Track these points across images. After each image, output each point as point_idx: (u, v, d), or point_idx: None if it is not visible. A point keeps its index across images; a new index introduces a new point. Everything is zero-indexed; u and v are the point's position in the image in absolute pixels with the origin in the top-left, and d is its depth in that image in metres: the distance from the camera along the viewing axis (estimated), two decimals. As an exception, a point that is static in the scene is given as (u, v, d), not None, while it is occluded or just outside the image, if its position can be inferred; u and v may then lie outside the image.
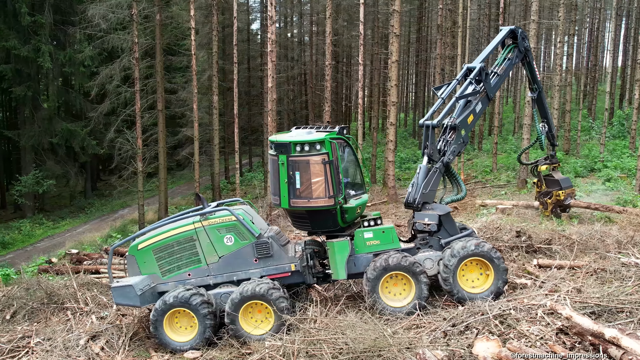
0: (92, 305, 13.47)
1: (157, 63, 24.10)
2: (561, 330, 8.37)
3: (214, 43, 25.60)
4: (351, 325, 8.81)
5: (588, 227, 14.12)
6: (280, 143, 10.88)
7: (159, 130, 24.58)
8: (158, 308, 10.54)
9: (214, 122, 25.01)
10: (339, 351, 8.38)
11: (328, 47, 24.95)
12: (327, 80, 25.12)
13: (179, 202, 34.07)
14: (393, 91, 23.25)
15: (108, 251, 19.47)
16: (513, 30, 13.41)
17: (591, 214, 17.08)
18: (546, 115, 15.17)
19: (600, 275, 10.84)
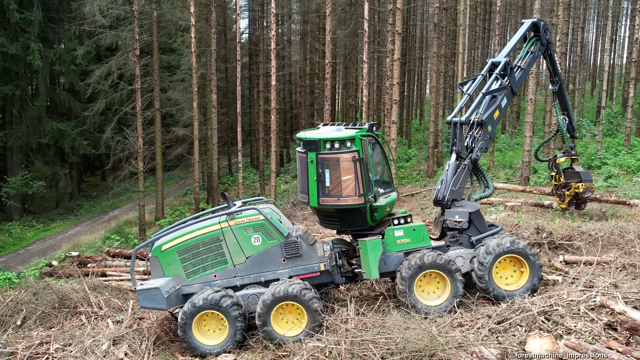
0: (106, 309, 13.09)
1: (154, 61, 23.62)
2: (609, 325, 8.32)
3: (212, 41, 25.21)
4: (398, 325, 8.63)
5: (605, 223, 14.19)
6: (309, 140, 10.67)
7: (156, 130, 24.11)
8: (187, 311, 10.23)
9: (213, 121, 24.62)
10: (386, 351, 8.20)
11: (328, 45, 24.77)
12: (327, 78, 24.93)
13: (171, 202, 33.53)
14: (395, 89, 23.17)
15: (110, 253, 19.10)
16: (535, 23, 13.35)
17: (599, 210, 17.17)
18: (567, 108, 15.14)
19: (630, 270, 10.85)
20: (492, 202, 20.07)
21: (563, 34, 24.08)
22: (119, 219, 29.45)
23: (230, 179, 42.78)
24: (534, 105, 22.24)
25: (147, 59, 24.37)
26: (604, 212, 16.54)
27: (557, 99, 15.31)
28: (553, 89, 15.15)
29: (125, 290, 14.66)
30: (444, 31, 30.78)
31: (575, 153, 16.60)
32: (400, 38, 23.08)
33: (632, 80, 25.35)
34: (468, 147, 11.75)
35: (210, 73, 25.00)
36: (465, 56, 24.57)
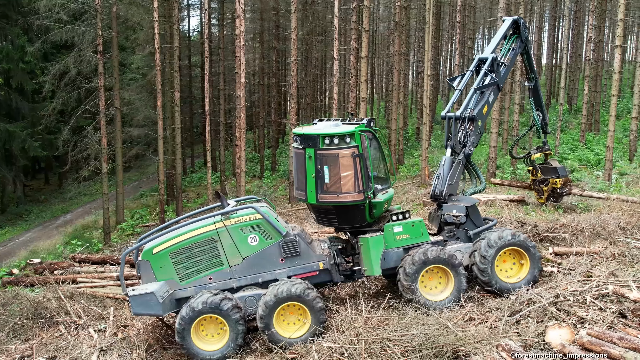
0: (86, 318, 12.37)
1: (113, 58, 22.62)
2: (619, 313, 8.48)
3: (174, 38, 24.42)
4: (415, 322, 8.50)
5: (584, 215, 14.59)
6: (307, 136, 10.41)
7: (116, 129, 23.12)
8: (185, 316, 9.76)
9: (176, 120, 23.84)
10: (406, 348, 8.06)
11: (293, 42, 24.49)
12: (293, 76, 24.66)
13: (128, 205, 32.28)
14: (363, 86, 23.14)
15: (76, 259, 18.13)
16: (516, 20, 13.57)
17: (570, 203, 17.68)
18: (540, 104, 15.50)
19: (620, 259, 11.15)
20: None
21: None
22: (75, 223, 28.12)
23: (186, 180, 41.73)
24: (500, 101, 22.71)
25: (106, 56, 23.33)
26: (576, 205, 17.03)
27: (532, 96, 15.65)
28: (529, 85, 15.47)
29: (101, 297, 13.94)
30: (404, 29, 31.07)
31: (549, 148, 17.05)
32: (367, 35, 23.07)
33: (586, 78, 26.32)
34: (461, 141, 11.80)
35: (173, 71, 24.22)
36: (430, 54, 24.81)
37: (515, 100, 24.85)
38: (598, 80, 31.18)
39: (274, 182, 35.16)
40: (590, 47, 26.85)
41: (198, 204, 31.22)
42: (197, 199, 32.70)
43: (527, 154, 17.41)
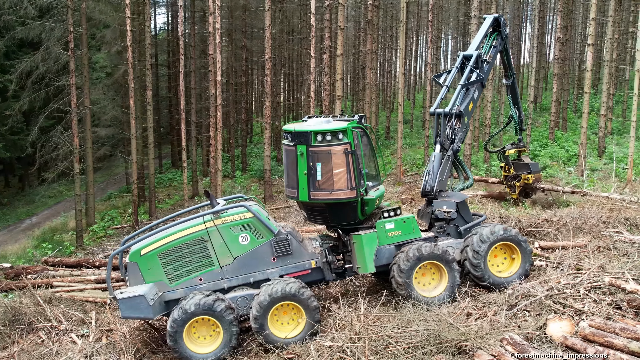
0: (67, 323, 11.92)
1: (83, 55, 21.94)
2: (614, 304, 8.62)
3: (146, 35, 23.86)
4: (415, 318, 8.47)
5: (565, 210, 14.87)
6: (299, 133, 10.26)
7: (86, 129, 22.44)
8: (178, 318, 9.48)
9: (149, 119, 23.28)
10: (409, 345, 8.00)
11: (268, 40, 24.25)
12: (268, 74, 24.42)
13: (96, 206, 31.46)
14: (338, 85, 23.09)
15: (49, 262, 17.49)
16: (497, 18, 13.73)
17: (546, 199, 18.02)
18: (517, 102, 15.75)
19: (606, 252, 11.37)
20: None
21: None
22: (42, 226, 27.23)
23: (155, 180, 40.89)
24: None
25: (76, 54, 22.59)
26: (553, 200, 17.35)
27: (509, 93, 15.88)
28: (507, 83, 15.70)
29: (81, 302, 13.47)
30: (375, 28, 31.17)
31: (524, 145, 17.35)
32: (342, 34, 23.03)
33: (555, 76, 26.90)
34: (449, 138, 11.85)
35: (145, 69, 23.65)
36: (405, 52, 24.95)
37: (487, 98, 25.19)
38: (565, 78, 31.93)
39: (246, 181, 34.82)
40: (558, 46, 27.45)
41: (170, 204, 30.66)
42: (169, 199, 32.10)
43: (501, 149, 17.68)
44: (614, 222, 13.05)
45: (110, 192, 36.88)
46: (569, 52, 34.13)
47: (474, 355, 7.48)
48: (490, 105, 25.90)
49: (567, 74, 33.08)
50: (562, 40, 28.10)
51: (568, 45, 32.01)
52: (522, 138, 16.91)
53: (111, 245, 19.98)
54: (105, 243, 20.62)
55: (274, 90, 43.59)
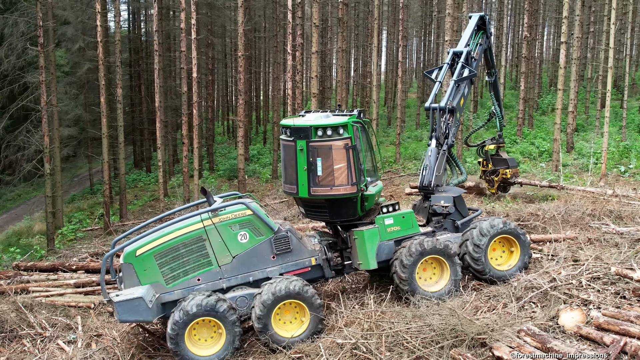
0: (52, 329, 11.37)
1: (49, 50, 21.02)
2: (617, 294, 8.78)
3: (116, 31, 23.10)
4: (428, 313, 8.41)
5: (548, 204, 15.15)
6: (298, 127, 10.06)
7: (53, 128, 21.55)
8: (179, 320, 9.15)
9: (119, 118, 22.55)
10: (423, 340, 7.94)
11: (240, 37, 23.87)
12: (241, 72, 24.02)
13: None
14: (314, 82, 22.95)
15: (21, 267, 16.71)
16: (482, 16, 13.87)
17: (524, 193, 18.35)
18: (498, 98, 15.98)
19: (597, 244, 11.61)
20: (412, 192, 20.58)
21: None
22: (5, 229, 26.05)
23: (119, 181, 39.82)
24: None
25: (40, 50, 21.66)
26: (532, 195, 17.68)
27: (492, 90, 16.09)
28: (489, 80, 15.89)
29: (62, 307, 12.88)
30: (346, 26, 31.16)
31: (503, 140, 17.63)
32: (317, 31, 22.89)
33: (522, 74, 27.48)
34: (443, 133, 11.87)
35: (116, 66, 22.89)
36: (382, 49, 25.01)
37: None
38: (531, 76, 32.69)
39: (216, 181, 34.25)
40: (526, 44, 28.07)
41: (139, 206, 29.88)
42: (136, 200, 31.27)
43: (481, 144, 17.91)
44: (599, 214, 13.36)
45: (73, 194, 35.68)
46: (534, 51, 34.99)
47: (493, 347, 7.46)
48: (472, 103, 26.26)
49: (532, 72, 33.87)
50: (529, 39, 28.75)
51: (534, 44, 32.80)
52: (502, 134, 17.16)
53: (85, 247, 19.23)
54: (77, 246, 19.84)
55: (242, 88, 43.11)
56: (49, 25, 20.12)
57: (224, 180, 34.22)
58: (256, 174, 34.32)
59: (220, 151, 45.62)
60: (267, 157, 41.02)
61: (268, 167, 37.61)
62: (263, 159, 39.56)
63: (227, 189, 30.61)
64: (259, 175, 33.96)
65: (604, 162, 18.35)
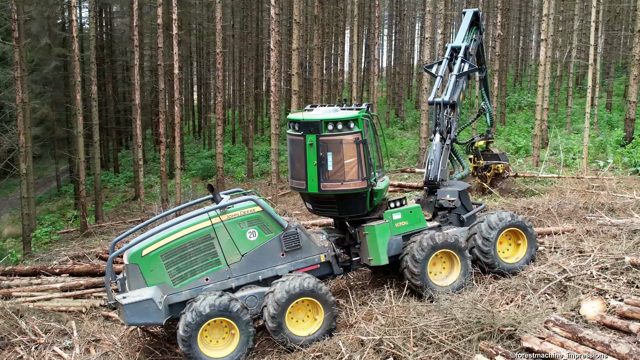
0: (46, 336, 10.84)
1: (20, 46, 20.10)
2: (631, 283, 8.93)
3: (91, 26, 22.33)
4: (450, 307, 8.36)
5: (541, 198, 15.39)
6: (308, 122, 9.87)
7: (25, 126, 20.63)
8: (192, 321, 8.83)
9: (94, 116, 21.78)
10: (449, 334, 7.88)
11: (219, 34, 23.48)
12: (219, 69, 23.63)
13: (28, 212, 29.21)
14: (295, 79, 22.74)
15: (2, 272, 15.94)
16: (476, 12, 13.95)
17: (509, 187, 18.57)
18: (488, 94, 16.12)
19: (595, 236, 11.81)
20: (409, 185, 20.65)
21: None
22: (-29, 234, 24.85)
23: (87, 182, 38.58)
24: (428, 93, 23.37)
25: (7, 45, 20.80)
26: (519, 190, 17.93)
27: (482, 86, 16.22)
28: (480, 76, 16.00)
29: (52, 312, 12.32)
30: (321, 23, 31.04)
31: (492, 136, 17.79)
32: (298, 27, 22.71)
33: (495, 72, 27.94)
34: (446, 127, 11.88)
35: (90, 62, 22.12)
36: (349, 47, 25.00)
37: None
38: (503, 74, 33.28)
39: (190, 180, 33.61)
40: (499, 43, 28.54)
41: (112, 207, 29.02)
42: (108, 201, 30.36)
43: (470, 141, 18.03)
44: (592, 207, 13.61)
45: (39, 196, 34.35)
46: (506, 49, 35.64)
47: (522, 339, 7.45)
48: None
49: (504, 70, 34.52)
50: (502, 37, 29.26)
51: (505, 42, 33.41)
52: (490, 130, 17.32)
53: (63, 250, 18.53)
54: (54, 249, 19.09)
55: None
56: (22, 19, 19.26)
57: (197, 180, 33.61)
58: (230, 173, 33.84)
59: (188, 151, 44.82)
60: (239, 156, 40.54)
61: (242, 166, 37.19)
62: (235, 158, 39.06)
63: (201, 188, 30.07)
64: (233, 174, 33.51)
65: (585, 157, 18.78)
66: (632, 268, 9.34)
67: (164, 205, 21.70)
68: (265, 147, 42.25)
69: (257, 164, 36.05)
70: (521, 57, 52.52)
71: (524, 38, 50.43)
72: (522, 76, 51.40)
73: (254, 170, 33.14)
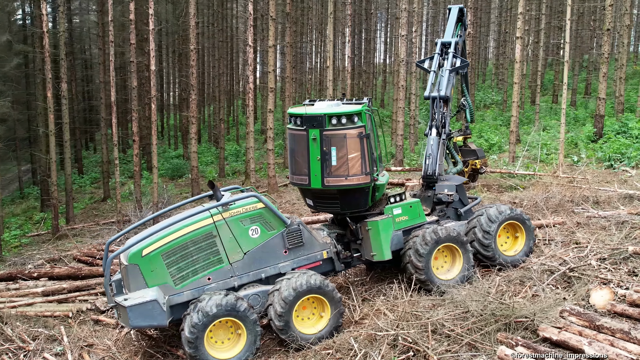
0: (35, 342, 10.34)
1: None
2: (631, 272, 9.14)
3: (61, 22, 21.50)
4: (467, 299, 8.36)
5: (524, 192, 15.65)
6: (311, 116, 9.72)
7: (-9, 126, 19.75)
8: (198, 322, 8.55)
9: (64, 114, 20.98)
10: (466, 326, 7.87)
11: (192, 30, 23.01)
12: (193, 66, 23.14)
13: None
14: (271, 77, 22.52)
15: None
16: (462, 8, 14.05)
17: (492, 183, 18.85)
18: (468, 90, 16.28)
19: (585, 228, 12.06)
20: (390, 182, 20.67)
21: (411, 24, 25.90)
22: None
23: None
24: (405, 90, 23.52)
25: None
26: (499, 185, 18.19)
27: (463, 82, 16.37)
28: (461, 72, 16.14)
29: (36, 317, 11.77)
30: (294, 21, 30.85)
31: (470, 132, 17.98)
32: (274, 24, 22.48)
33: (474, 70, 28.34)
34: (441, 122, 11.92)
35: (60, 58, 21.32)
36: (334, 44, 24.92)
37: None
38: (472, 73, 33.81)
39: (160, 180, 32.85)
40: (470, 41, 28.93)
41: (80, 209, 28.10)
42: (76, 203, 29.34)
43: None
44: (577, 200, 13.90)
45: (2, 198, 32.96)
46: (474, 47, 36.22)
47: (539, 329, 7.51)
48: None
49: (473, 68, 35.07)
50: (473, 35, 29.70)
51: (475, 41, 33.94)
52: (469, 125, 17.49)
53: (37, 254, 17.78)
54: (26, 252, 18.30)
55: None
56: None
57: (167, 180, 32.96)
58: (200, 172, 33.26)
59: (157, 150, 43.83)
60: (207, 156, 39.94)
61: (211, 165, 36.61)
62: (203, 158, 38.45)
63: (172, 188, 29.45)
64: (204, 174, 32.96)
65: (561, 152, 19.21)
66: (630, 257, 9.57)
67: (139, 205, 21.09)
68: (234, 147, 41.81)
69: (228, 163, 35.61)
70: (483, 57, 53.56)
71: (486, 37, 51.38)
72: (485, 74, 52.42)
73: (226, 170, 32.69)
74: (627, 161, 18.27)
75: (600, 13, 31.60)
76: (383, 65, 57.49)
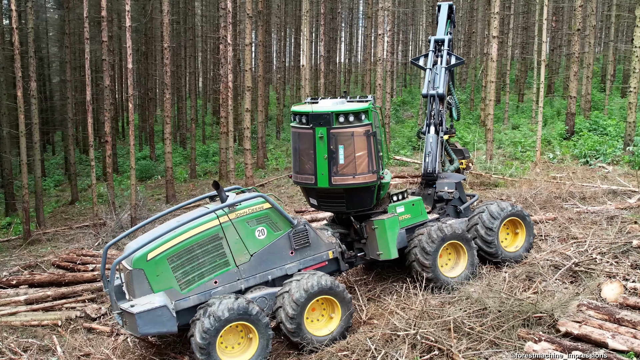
0: (27, 354, 9.85)
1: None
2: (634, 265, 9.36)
3: (29, 18, 20.58)
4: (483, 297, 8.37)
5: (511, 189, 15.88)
6: (318, 114, 9.56)
7: (-45, 127, 18.76)
8: (210, 327, 8.29)
9: (34, 115, 20.11)
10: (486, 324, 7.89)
11: (166, 27, 22.49)
12: (167, 64, 22.58)
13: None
14: (247, 75, 22.19)
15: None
16: (451, 5, 14.13)
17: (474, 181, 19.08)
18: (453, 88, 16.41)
19: (576, 223, 12.32)
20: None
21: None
22: None
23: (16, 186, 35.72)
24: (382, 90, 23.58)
25: None
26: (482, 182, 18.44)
27: (450, 79, 16.48)
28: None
29: (22, 327, 11.23)
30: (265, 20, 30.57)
31: (454, 131, 18.14)
32: (251, 22, 22.17)
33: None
34: (439, 120, 11.94)
35: (29, 56, 20.44)
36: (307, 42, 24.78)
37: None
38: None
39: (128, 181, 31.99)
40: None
41: (47, 212, 27.01)
42: (45, 207, 28.22)
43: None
44: (564, 196, 14.20)
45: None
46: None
47: (558, 324, 7.58)
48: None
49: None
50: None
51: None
52: (453, 124, 17.64)
53: (8, 260, 16.98)
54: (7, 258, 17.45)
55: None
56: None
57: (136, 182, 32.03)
58: (170, 174, 32.55)
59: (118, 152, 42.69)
60: (175, 157, 39.11)
61: (180, 166, 35.87)
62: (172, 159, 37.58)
63: (143, 190, 28.72)
64: (174, 174, 32.25)
65: (539, 149, 19.63)
66: (629, 251, 9.79)
67: (113, 207, 20.42)
68: (202, 147, 41.08)
69: (198, 163, 34.97)
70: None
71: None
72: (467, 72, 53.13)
73: (197, 171, 32.10)
74: (603, 158, 18.79)
75: (568, 14, 32.49)
76: (348, 64, 57.60)
